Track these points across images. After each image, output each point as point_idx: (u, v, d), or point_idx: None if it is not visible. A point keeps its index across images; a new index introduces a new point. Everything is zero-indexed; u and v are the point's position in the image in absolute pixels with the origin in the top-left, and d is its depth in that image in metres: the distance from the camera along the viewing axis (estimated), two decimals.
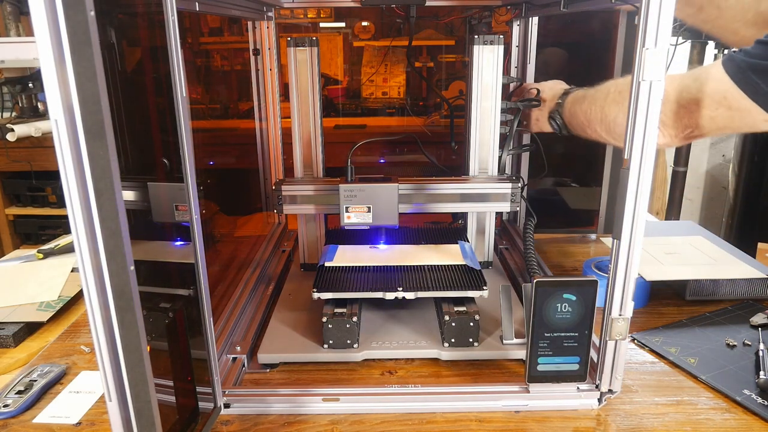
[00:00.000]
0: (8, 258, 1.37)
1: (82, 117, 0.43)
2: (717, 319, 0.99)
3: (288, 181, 1.12)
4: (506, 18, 1.36)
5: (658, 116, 0.62)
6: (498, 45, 1.07)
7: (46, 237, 2.51)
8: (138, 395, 0.51)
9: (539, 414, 0.76)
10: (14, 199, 2.68)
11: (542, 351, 0.75)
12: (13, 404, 0.78)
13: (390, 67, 2.48)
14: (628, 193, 0.65)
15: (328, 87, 2.50)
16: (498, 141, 1.13)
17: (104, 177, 0.44)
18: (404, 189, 1.06)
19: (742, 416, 0.75)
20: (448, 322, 0.88)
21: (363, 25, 2.46)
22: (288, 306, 1.03)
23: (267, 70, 1.30)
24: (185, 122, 0.60)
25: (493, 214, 1.18)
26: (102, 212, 0.45)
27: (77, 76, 0.42)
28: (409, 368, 0.87)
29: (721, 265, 1.13)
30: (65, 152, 0.44)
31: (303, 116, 1.11)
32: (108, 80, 0.43)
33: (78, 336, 0.97)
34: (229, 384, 0.81)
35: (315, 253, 1.18)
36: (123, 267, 0.47)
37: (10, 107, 2.53)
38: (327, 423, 0.75)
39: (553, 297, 0.72)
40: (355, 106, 2.51)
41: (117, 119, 0.46)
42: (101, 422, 0.76)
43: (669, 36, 0.60)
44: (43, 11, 0.41)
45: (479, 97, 1.10)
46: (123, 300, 0.47)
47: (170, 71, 0.58)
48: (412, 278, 0.95)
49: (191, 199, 0.62)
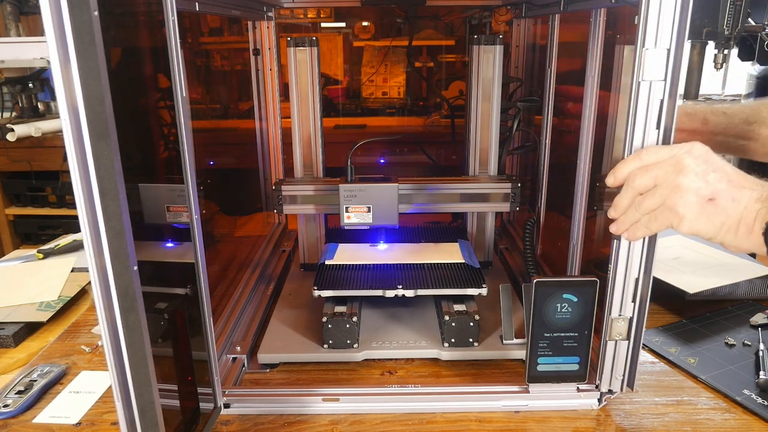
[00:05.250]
0: (8, 258, 1.37)
1: (87, 117, 0.43)
2: (717, 319, 0.99)
3: (288, 181, 1.12)
4: (506, 18, 1.36)
5: (657, 116, 0.63)
6: (498, 45, 1.08)
7: (46, 237, 2.50)
8: (141, 395, 0.51)
9: (539, 414, 0.76)
10: (14, 199, 2.68)
11: (542, 351, 0.75)
12: (13, 404, 0.78)
13: (390, 67, 2.48)
14: None
15: (328, 87, 2.50)
16: (498, 141, 1.13)
17: (108, 177, 0.45)
18: (404, 189, 1.06)
19: (742, 416, 0.75)
20: (448, 322, 0.88)
21: (363, 25, 2.46)
22: (288, 306, 1.03)
23: (267, 70, 1.30)
24: (185, 122, 0.60)
25: (493, 214, 1.18)
26: (106, 212, 0.45)
27: (82, 75, 0.42)
28: (409, 368, 0.88)
29: (725, 267, 1.13)
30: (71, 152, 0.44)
31: (303, 116, 1.12)
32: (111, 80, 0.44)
33: (78, 336, 0.97)
34: (229, 384, 0.81)
35: (315, 253, 1.18)
36: (126, 267, 0.47)
37: (10, 107, 2.52)
38: (327, 423, 0.75)
39: (553, 297, 0.73)
40: (355, 106, 2.51)
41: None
42: (101, 422, 0.76)
43: (669, 36, 0.60)
44: (48, 11, 0.41)
45: (479, 97, 1.11)
46: (127, 300, 0.48)
47: (170, 71, 0.58)
48: (411, 276, 0.95)
49: (191, 198, 0.62)
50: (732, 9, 1.11)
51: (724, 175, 0.58)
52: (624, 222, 0.64)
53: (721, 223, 0.58)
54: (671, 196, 0.59)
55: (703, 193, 0.58)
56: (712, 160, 0.59)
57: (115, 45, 0.61)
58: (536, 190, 1.16)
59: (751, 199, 0.57)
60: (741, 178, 0.59)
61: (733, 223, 0.58)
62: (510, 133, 1.17)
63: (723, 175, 0.58)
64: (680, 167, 0.58)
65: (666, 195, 0.59)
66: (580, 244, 0.94)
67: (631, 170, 0.62)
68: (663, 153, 0.61)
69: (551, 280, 0.73)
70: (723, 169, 0.59)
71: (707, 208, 0.58)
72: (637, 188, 0.61)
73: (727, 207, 0.58)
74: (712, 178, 0.58)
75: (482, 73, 1.09)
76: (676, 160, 0.59)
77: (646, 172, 0.61)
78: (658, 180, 0.60)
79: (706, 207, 0.58)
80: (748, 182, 0.58)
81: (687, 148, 0.60)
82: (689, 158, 0.59)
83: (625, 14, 0.83)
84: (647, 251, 0.68)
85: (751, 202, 0.57)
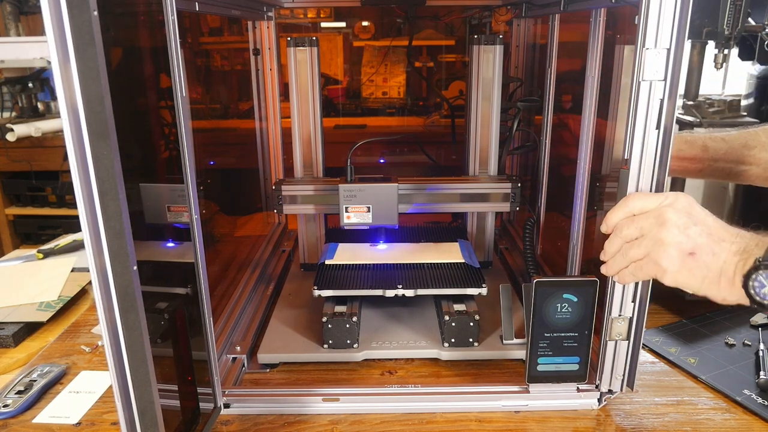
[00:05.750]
0: (8, 258, 1.37)
1: (86, 117, 0.43)
2: (717, 319, 0.99)
3: (288, 181, 1.12)
4: (506, 18, 1.36)
5: (657, 116, 0.63)
6: (498, 45, 1.08)
7: (46, 237, 2.50)
8: (141, 395, 0.51)
9: (539, 414, 0.76)
10: (14, 199, 2.68)
11: (542, 351, 0.75)
12: (13, 404, 0.78)
13: (390, 67, 2.48)
14: (628, 194, 0.66)
15: (328, 87, 2.50)
16: (498, 141, 1.13)
17: (109, 177, 0.45)
18: (404, 189, 1.06)
19: (742, 416, 0.75)
20: (448, 322, 0.88)
21: (363, 25, 2.46)
22: (288, 306, 1.03)
23: (267, 70, 1.30)
24: (185, 122, 0.60)
25: (493, 214, 1.18)
26: (106, 212, 0.45)
27: (82, 76, 0.42)
28: (409, 368, 0.88)
29: None
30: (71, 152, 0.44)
31: (303, 116, 1.12)
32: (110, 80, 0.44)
33: (78, 336, 0.97)
34: (229, 384, 0.81)
35: (315, 253, 1.18)
36: (126, 267, 0.47)
37: (9, 107, 2.52)
38: (327, 423, 0.75)
39: (553, 297, 0.73)
40: (355, 106, 2.51)
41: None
42: (101, 422, 0.76)
43: (669, 36, 0.60)
44: (48, 11, 0.41)
45: (479, 97, 1.11)
46: (127, 300, 0.48)
47: (170, 71, 0.58)
48: (411, 276, 0.95)
49: (191, 198, 0.62)
50: (732, 9, 1.11)
51: (705, 229, 0.60)
52: (612, 267, 0.66)
53: (703, 277, 0.60)
54: (655, 250, 0.61)
55: (684, 247, 0.60)
56: (695, 213, 0.61)
57: (115, 45, 0.61)
58: (536, 190, 1.15)
59: (730, 252, 0.59)
60: (721, 231, 0.60)
61: (715, 276, 0.59)
62: (510, 133, 1.17)
63: (704, 228, 0.60)
64: (663, 220, 0.60)
65: (650, 247, 0.61)
66: (580, 244, 0.94)
67: (619, 219, 0.64)
68: (649, 203, 0.63)
69: (551, 280, 0.73)
70: (704, 222, 0.60)
71: (688, 262, 0.60)
72: (624, 238, 0.64)
73: (708, 261, 0.59)
74: (693, 232, 0.60)
75: (482, 73, 1.09)
76: (659, 212, 0.61)
77: (632, 223, 0.63)
78: (643, 231, 0.62)
79: (687, 261, 0.60)
80: (728, 234, 0.60)
81: (671, 200, 0.62)
82: (672, 212, 0.61)
83: (625, 14, 0.83)
84: None
85: (730, 255, 0.59)
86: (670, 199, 0.62)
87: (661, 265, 0.60)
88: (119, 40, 0.63)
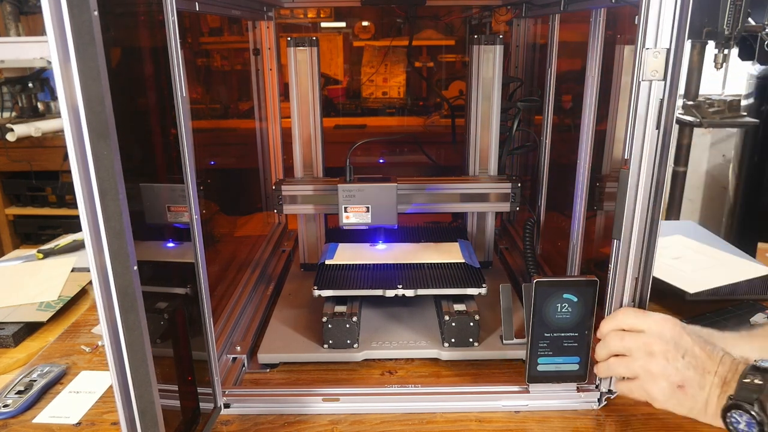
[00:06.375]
0: (8, 258, 1.37)
1: (87, 117, 0.43)
2: (717, 319, 0.99)
3: (288, 181, 1.12)
4: (506, 18, 1.36)
5: (657, 116, 0.63)
6: (498, 45, 1.08)
7: (46, 237, 2.50)
8: (141, 395, 0.51)
9: (539, 414, 0.76)
10: (14, 199, 2.68)
11: (542, 351, 0.75)
12: (13, 404, 0.78)
13: (390, 67, 2.49)
14: (627, 194, 0.66)
15: (328, 87, 2.50)
16: (498, 141, 1.13)
17: (109, 177, 0.45)
18: (403, 189, 1.06)
19: None
20: (448, 322, 0.88)
21: (363, 25, 2.46)
22: (288, 306, 1.03)
23: (267, 70, 1.30)
24: (185, 122, 0.60)
25: (493, 214, 1.18)
26: (106, 212, 0.45)
27: (82, 75, 0.42)
28: (409, 368, 0.88)
29: (725, 267, 1.13)
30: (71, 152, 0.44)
31: (303, 116, 1.12)
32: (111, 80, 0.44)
33: (78, 336, 0.97)
34: (229, 384, 0.81)
35: (315, 253, 1.18)
36: (126, 267, 0.47)
37: (9, 107, 2.53)
38: (327, 423, 0.75)
39: (553, 297, 0.73)
40: (355, 106, 2.51)
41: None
42: (101, 422, 0.76)
43: (669, 36, 0.60)
44: (48, 11, 0.41)
45: (479, 97, 1.11)
46: (127, 300, 0.48)
47: (170, 71, 0.58)
48: (411, 276, 0.95)
49: (191, 198, 0.62)
50: (732, 9, 1.11)
51: (692, 360, 0.63)
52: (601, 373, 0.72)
53: (690, 408, 0.63)
54: (646, 380, 0.65)
55: (673, 379, 0.63)
56: (682, 343, 0.64)
57: (115, 45, 0.61)
58: (536, 190, 1.16)
59: (714, 385, 0.61)
60: (707, 361, 0.62)
61: (701, 408, 0.62)
62: (510, 133, 1.17)
63: (691, 359, 0.63)
64: (650, 351, 0.64)
65: (640, 375, 0.65)
66: (580, 244, 0.94)
67: (610, 330, 0.69)
68: (639, 323, 0.67)
69: (551, 280, 0.73)
70: (692, 352, 0.63)
71: (677, 394, 0.63)
72: (611, 350, 0.68)
73: (695, 395, 0.62)
74: (681, 365, 0.63)
75: (482, 73, 1.09)
76: (646, 342, 0.65)
77: (620, 340, 0.67)
78: (629, 352, 0.66)
79: (676, 392, 0.63)
80: (712, 364, 0.62)
81: (658, 331, 0.65)
82: (659, 344, 0.64)
83: (625, 14, 0.83)
84: (647, 251, 0.68)
85: (714, 389, 0.61)
86: (657, 328, 0.65)
87: (651, 395, 0.65)
88: (119, 40, 0.63)
